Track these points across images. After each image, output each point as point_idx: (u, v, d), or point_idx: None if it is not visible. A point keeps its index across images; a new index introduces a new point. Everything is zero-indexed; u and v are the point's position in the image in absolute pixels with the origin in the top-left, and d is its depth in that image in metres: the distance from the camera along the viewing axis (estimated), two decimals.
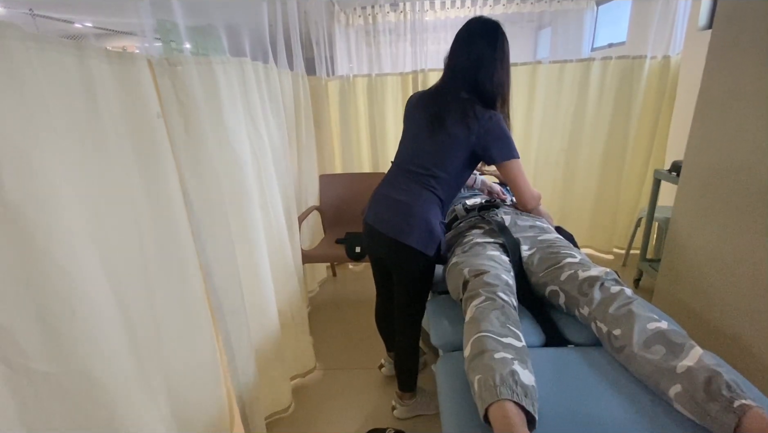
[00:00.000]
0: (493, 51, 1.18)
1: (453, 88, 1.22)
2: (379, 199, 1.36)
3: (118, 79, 0.81)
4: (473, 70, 1.18)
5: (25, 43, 0.58)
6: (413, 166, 1.28)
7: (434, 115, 1.22)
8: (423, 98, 1.31)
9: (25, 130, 0.57)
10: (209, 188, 1.08)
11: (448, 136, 1.19)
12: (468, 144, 1.18)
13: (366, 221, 1.39)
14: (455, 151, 1.21)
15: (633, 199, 2.73)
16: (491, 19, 1.20)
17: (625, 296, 1.00)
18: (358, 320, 2.23)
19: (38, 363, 0.61)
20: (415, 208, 1.25)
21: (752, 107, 1.30)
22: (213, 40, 1.38)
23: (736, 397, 0.72)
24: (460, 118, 1.17)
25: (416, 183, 1.26)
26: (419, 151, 1.27)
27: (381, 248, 1.36)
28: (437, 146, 1.22)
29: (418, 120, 1.28)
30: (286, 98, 1.99)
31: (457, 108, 1.19)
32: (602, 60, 2.48)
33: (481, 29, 1.19)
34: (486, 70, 1.18)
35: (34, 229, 0.58)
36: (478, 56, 1.18)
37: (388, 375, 1.78)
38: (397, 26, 2.74)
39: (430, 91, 1.31)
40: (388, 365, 1.79)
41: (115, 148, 0.80)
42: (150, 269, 0.91)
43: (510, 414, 0.75)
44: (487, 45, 1.18)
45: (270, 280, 1.48)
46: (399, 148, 1.38)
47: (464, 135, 1.17)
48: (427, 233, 1.25)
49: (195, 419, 1.08)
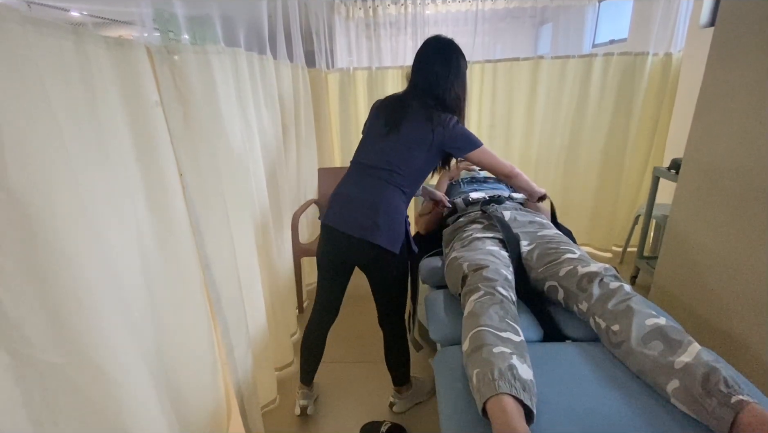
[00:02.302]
0: (447, 69, 1.30)
1: (417, 97, 1.32)
2: (341, 199, 1.33)
3: (117, 66, 0.80)
4: (432, 86, 1.30)
5: (24, 26, 0.57)
6: (376, 164, 1.30)
7: (399, 119, 1.29)
8: (389, 103, 1.38)
9: (26, 116, 0.56)
10: (208, 179, 1.07)
11: (412, 137, 1.27)
12: (432, 144, 1.27)
13: (326, 223, 1.32)
14: (418, 151, 1.27)
15: (632, 196, 2.74)
16: (445, 39, 1.33)
17: (624, 292, 1.01)
18: (355, 313, 2.23)
19: (44, 354, 0.60)
20: (381, 206, 1.25)
21: (753, 106, 1.30)
22: (210, 31, 1.36)
23: (734, 393, 0.73)
24: (424, 122, 1.26)
25: (379, 179, 1.28)
26: (383, 150, 1.30)
27: (347, 250, 1.31)
28: (401, 145, 1.28)
29: (382, 122, 1.33)
30: (285, 90, 1.97)
31: (421, 113, 1.28)
32: (604, 56, 2.47)
33: (435, 49, 1.33)
34: (443, 87, 1.30)
35: (38, 216, 0.57)
36: (435, 74, 1.30)
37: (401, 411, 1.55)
38: (398, 19, 2.72)
39: (395, 96, 1.38)
40: (396, 400, 1.55)
41: (113, 137, 0.79)
42: (149, 258, 0.90)
43: (508, 408, 0.75)
44: (442, 64, 1.30)
45: (258, 272, 1.47)
46: (360, 149, 1.40)
47: (428, 137, 1.26)
48: (394, 231, 1.26)
49: (194, 411, 1.08)
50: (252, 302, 1.42)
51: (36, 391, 0.61)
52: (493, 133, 2.76)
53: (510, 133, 2.75)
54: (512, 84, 2.63)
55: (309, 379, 1.51)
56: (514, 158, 2.80)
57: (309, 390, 1.53)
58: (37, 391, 0.61)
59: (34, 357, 0.60)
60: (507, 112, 2.70)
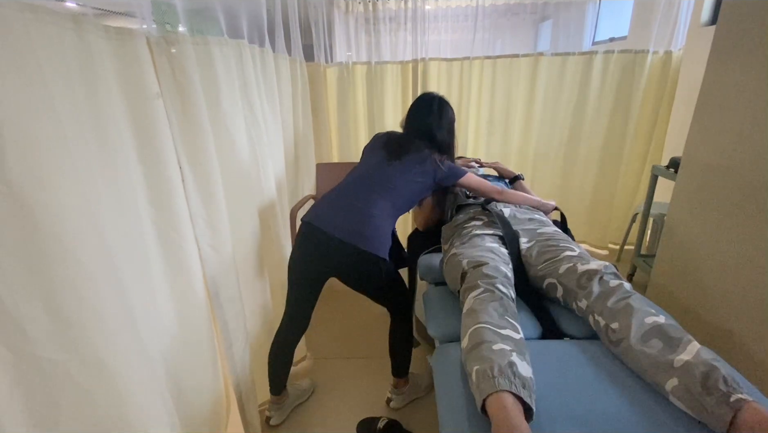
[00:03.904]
0: (439, 120, 1.47)
1: (414, 137, 1.47)
2: (331, 201, 1.34)
3: (117, 57, 0.78)
4: (426, 136, 1.46)
5: (23, 14, 0.56)
6: (376, 178, 1.37)
7: (401, 150, 1.42)
8: (392, 138, 1.50)
9: (25, 107, 0.55)
10: (208, 172, 1.06)
11: (412, 165, 1.39)
12: (427, 175, 1.40)
13: (309, 222, 1.29)
14: (416, 176, 1.39)
15: (630, 194, 2.74)
16: (435, 96, 1.51)
17: (624, 290, 1.01)
18: (351, 309, 2.23)
19: (45, 350, 0.59)
20: (372, 214, 1.29)
21: (754, 105, 1.30)
22: (209, 23, 1.34)
23: (733, 391, 0.73)
24: (422, 157, 1.40)
25: (376, 193, 1.33)
26: (384, 170, 1.38)
27: (327, 253, 1.26)
28: (402, 169, 1.38)
29: (385, 151, 1.44)
30: (284, 84, 1.95)
31: (421, 149, 1.42)
32: (604, 54, 2.46)
33: (427, 104, 1.50)
34: (434, 137, 1.46)
35: (38, 209, 0.56)
36: (428, 127, 1.47)
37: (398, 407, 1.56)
38: (398, 14, 2.69)
39: (397, 134, 1.53)
40: (393, 396, 1.55)
41: (114, 128, 0.77)
42: (149, 252, 0.89)
43: (508, 405, 0.75)
44: (432, 117, 1.47)
45: (266, 268, 1.47)
46: (359, 168, 1.46)
47: (425, 168, 1.39)
48: (380, 239, 1.29)
49: (194, 405, 1.08)
50: (252, 298, 1.41)
51: (37, 387, 0.60)
52: (491, 129, 2.75)
53: (508, 129, 2.74)
54: (511, 81, 2.61)
55: (277, 390, 1.47)
56: (512, 154, 2.79)
57: (278, 400, 1.48)
58: (37, 387, 0.60)
59: (35, 353, 0.59)
60: (506, 109, 2.69)
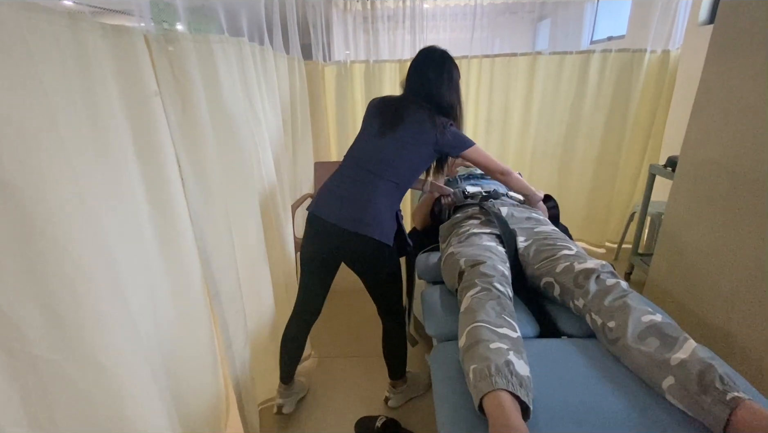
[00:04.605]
0: (440, 77, 1.34)
1: (413, 99, 1.35)
2: (332, 190, 1.33)
3: (114, 55, 0.78)
4: (427, 91, 1.34)
5: (17, 12, 0.55)
6: (371, 159, 1.30)
7: (396, 118, 1.31)
8: (386, 103, 1.39)
9: (20, 105, 0.54)
10: (207, 171, 1.06)
11: (408, 136, 1.28)
12: (428, 144, 1.30)
13: (315, 213, 1.30)
14: (414, 148, 1.29)
15: (627, 193, 2.74)
16: (439, 49, 1.38)
17: (621, 289, 1.01)
18: (353, 308, 2.23)
19: (41, 349, 0.59)
20: (373, 200, 1.25)
21: (751, 104, 1.30)
22: (207, 21, 1.33)
23: (729, 390, 0.73)
24: (421, 123, 1.29)
25: (373, 174, 1.28)
26: (378, 146, 1.31)
27: (335, 242, 1.28)
28: (397, 143, 1.28)
29: (379, 121, 1.34)
30: (282, 82, 1.95)
31: (418, 114, 1.30)
32: (602, 53, 2.47)
33: (429, 58, 1.37)
34: (436, 92, 1.34)
35: (34, 209, 0.56)
36: (429, 81, 1.34)
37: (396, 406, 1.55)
38: (396, 13, 2.69)
39: (393, 97, 1.40)
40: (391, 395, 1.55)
41: (111, 127, 0.77)
42: (148, 251, 0.89)
43: (505, 404, 0.75)
44: (435, 72, 1.34)
45: (267, 267, 1.46)
46: (355, 145, 1.39)
47: (424, 136, 1.28)
48: (384, 224, 1.26)
49: (193, 404, 1.07)
50: (253, 297, 1.41)
51: (33, 387, 0.60)
52: (489, 128, 2.75)
53: (506, 128, 2.74)
54: (509, 79, 2.62)
55: (288, 378, 1.48)
56: (510, 153, 2.79)
57: (287, 388, 1.49)
58: (34, 387, 0.60)
59: (31, 353, 0.59)
60: (504, 108, 2.69)
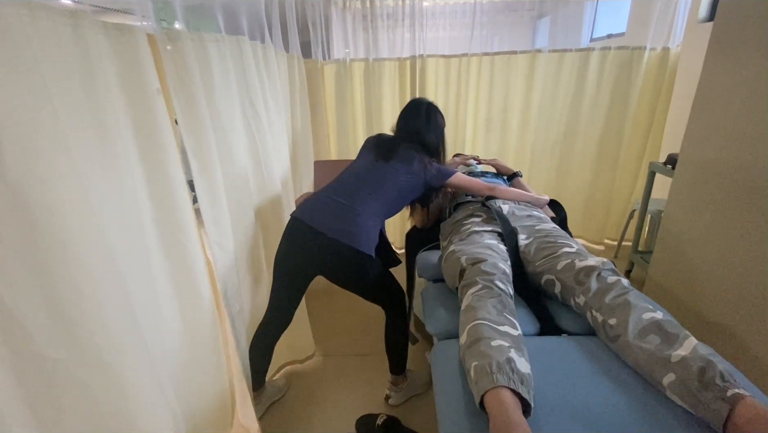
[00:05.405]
0: (427, 125, 1.50)
1: (404, 140, 1.49)
2: (321, 201, 1.35)
3: (117, 53, 0.78)
4: (415, 139, 1.49)
5: (19, 10, 0.55)
6: (368, 180, 1.39)
7: (390, 152, 1.44)
8: (381, 139, 1.53)
9: (23, 105, 0.54)
10: (210, 170, 1.06)
11: (399, 166, 1.40)
12: (415, 176, 1.42)
13: (297, 216, 1.31)
14: (404, 177, 1.40)
15: (626, 191, 2.74)
16: (424, 101, 1.55)
17: (622, 286, 1.01)
18: (355, 306, 2.23)
19: (46, 349, 0.59)
20: (363, 214, 1.30)
21: (751, 102, 1.30)
22: (207, 20, 1.33)
23: (730, 386, 0.73)
24: (410, 159, 1.42)
25: (366, 193, 1.36)
26: (374, 170, 1.41)
27: (313, 249, 1.27)
28: (390, 170, 1.40)
29: (375, 152, 1.46)
30: (281, 80, 1.94)
31: (408, 153, 1.44)
32: (601, 50, 2.46)
33: (415, 110, 1.53)
34: (423, 140, 1.49)
35: (38, 207, 0.56)
36: (417, 130, 1.50)
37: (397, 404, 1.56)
38: (395, 11, 2.68)
39: (387, 136, 1.55)
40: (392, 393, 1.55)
41: (114, 125, 0.77)
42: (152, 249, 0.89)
43: (506, 401, 0.75)
44: (422, 122, 1.50)
45: (264, 266, 1.46)
46: (350, 168, 1.48)
47: (413, 170, 1.41)
48: (370, 237, 1.31)
49: (199, 402, 1.08)
50: (253, 296, 1.41)
51: (39, 385, 0.60)
52: (489, 126, 2.75)
53: (506, 125, 2.74)
54: (509, 77, 2.61)
55: (257, 384, 1.47)
56: (510, 151, 2.79)
57: (258, 396, 1.47)
58: (40, 385, 0.60)
59: (36, 352, 0.59)
60: (503, 105, 2.69)
